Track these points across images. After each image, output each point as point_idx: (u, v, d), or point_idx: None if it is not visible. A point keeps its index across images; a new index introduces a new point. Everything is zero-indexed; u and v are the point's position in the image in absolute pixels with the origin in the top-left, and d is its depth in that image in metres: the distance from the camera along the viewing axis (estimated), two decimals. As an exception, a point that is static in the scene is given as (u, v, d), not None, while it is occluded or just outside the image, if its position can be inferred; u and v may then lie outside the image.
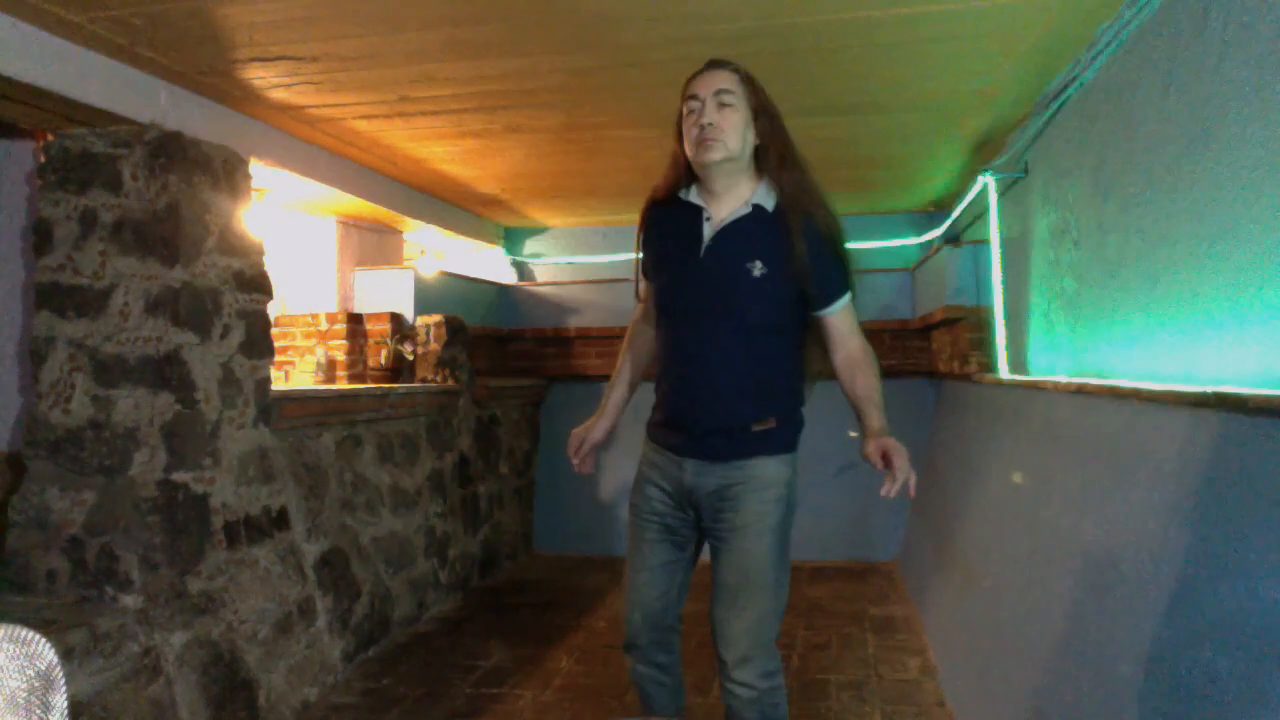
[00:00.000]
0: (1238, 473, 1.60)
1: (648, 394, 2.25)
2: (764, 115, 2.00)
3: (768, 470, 2.01)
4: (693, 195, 2.08)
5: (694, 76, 2.03)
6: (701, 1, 2.61)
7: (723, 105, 1.96)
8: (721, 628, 2.02)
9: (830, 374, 2.12)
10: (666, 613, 2.15)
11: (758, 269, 1.96)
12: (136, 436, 2.91)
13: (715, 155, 1.96)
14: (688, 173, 2.08)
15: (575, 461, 2.28)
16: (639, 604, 2.14)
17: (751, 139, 2.00)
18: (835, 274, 2.01)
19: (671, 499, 2.11)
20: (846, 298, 2.04)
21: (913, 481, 1.82)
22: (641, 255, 2.21)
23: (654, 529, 2.13)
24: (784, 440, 2.05)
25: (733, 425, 2.01)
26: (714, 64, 2.02)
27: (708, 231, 2.03)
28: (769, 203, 2.02)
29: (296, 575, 3.42)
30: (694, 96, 1.99)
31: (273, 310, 3.64)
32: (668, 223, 2.12)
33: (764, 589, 1.99)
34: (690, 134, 1.99)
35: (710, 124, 1.94)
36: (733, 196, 2.04)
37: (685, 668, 2.30)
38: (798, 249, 1.95)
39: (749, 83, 2.00)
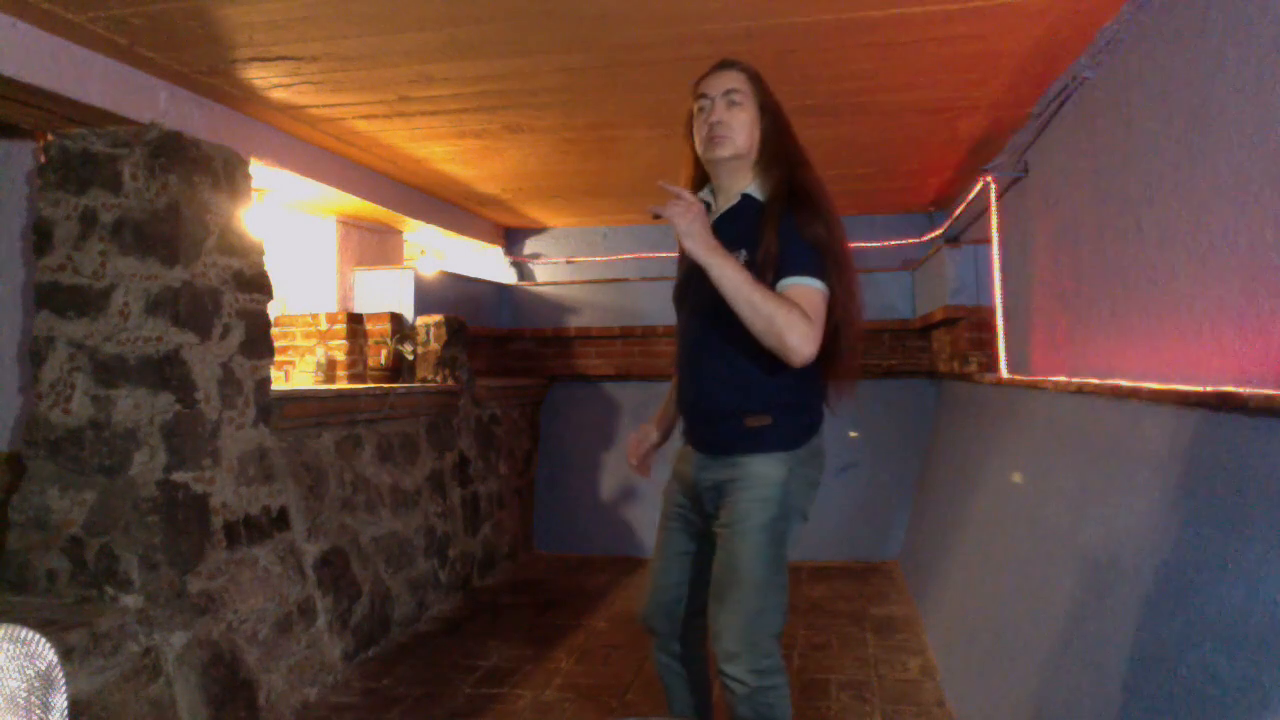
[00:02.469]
0: (1238, 473, 1.60)
1: None
2: (769, 112, 2.06)
3: (760, 469, 2.01)
4: (705, 193, 2.14)
5: (704, 76, 2.09)
6: (701, 1, 2.61)
7: (731, 104, 2.02)
8: (712, 622, 2.05)
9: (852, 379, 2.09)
10: (681, 602, 2.20)
11: (742, 257, 1.95)
12: (136, 436, 2.91)
13: (724, 151, 2.02)
14: (701, 172, 2.15)
15: (633, 463, 2.34)
16: (654, 588, 2.23)
17: (758, 136, 2.05)
18: (795, 255, 1.92)
19: (686, 491, 2.18)
20: (800, 280, 1.90)
21: (672, 213, 1.86)
22: None
23: (675, 519, 2.21)
24: (780, 439, 2.02)
25: (719, 414, 2.04)
26: (724, 64, 2.08)
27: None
28: (760, 194, 2.05)
29: (296, 575, 3.42)
30: (704, 95, 2.05)
31: (273, 310, 3.63)
32: None
33: (751, 587, 1.98)
34: (700, 131, 2.06)
35: (719, 122, 2.01)
36: (734, 190, 2.09)
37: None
38: (767, 235, 1.95)
39: (756, 81, 2.06)
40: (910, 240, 6.04)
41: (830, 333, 1.99)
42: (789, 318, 1.83)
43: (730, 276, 1.85)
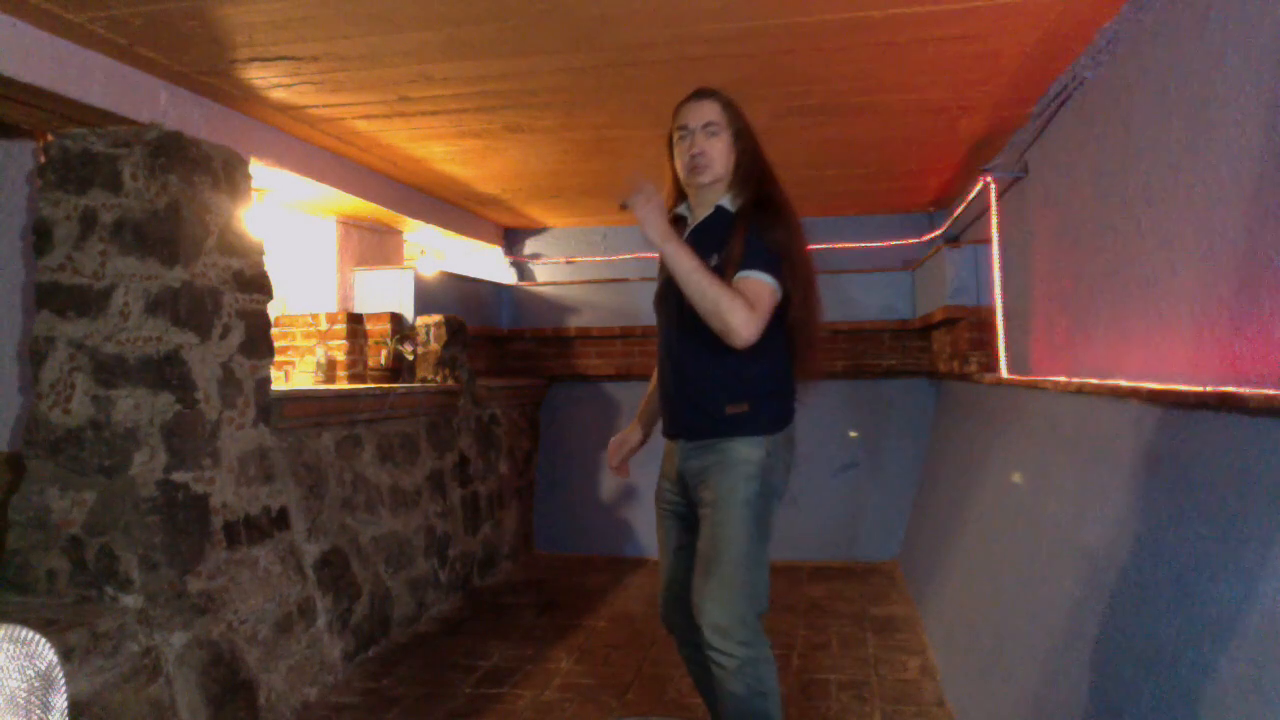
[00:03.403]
0: (1238, 473, 1.60)
1: None
2: (742, 136, 2.26)
3: (741, 451, 2.16)
4: (682, 209, 2.38)
5: (683, 105, 2.26)
6: (701, 1, 2.61)
7: (710, 135, 2.22)
8: (696, 598, 2.15)
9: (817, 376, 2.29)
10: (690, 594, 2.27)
11: (714, 260, 2.14)
12: (136, 436, 2.91)
13: (705, 178, 2.24)
14: (680, 187, 2.34)
15: (614, 465, 2.51)
16: (665, 586, 2.38)
17: (733, 159, 2.26)
18: (753, 254, 2.11)
19: (674, 485, 2.31)
20: (752, 274, 2.09)
21: (635, 203, 2.06)
22: None
23: (668, 516, 2.37)
24: (757, 423, 2.18)
25: (702, 403, 2.20)
26: (700, 94, 2.26)
27: (684, 236, 2.27)
28: (732, 206, 2.26)
29: (296, 575, 3.42)
30: (684, 127, 2.24)
31: (273, 310, 3.64)
32: None
33: (735, 562, 2.11)
34: (683, 160, 2.26)
35: (700, 153, 2.22)
36: (709, 203, 2.30)
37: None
38: (734, 240, 2.14)
39: (730, 108, 2.25)
40: (910, 240, 6.04)
41: (792, 331, 2.20)
42: (732, 302, 2.03)
43: (683, 260, 2.05)
